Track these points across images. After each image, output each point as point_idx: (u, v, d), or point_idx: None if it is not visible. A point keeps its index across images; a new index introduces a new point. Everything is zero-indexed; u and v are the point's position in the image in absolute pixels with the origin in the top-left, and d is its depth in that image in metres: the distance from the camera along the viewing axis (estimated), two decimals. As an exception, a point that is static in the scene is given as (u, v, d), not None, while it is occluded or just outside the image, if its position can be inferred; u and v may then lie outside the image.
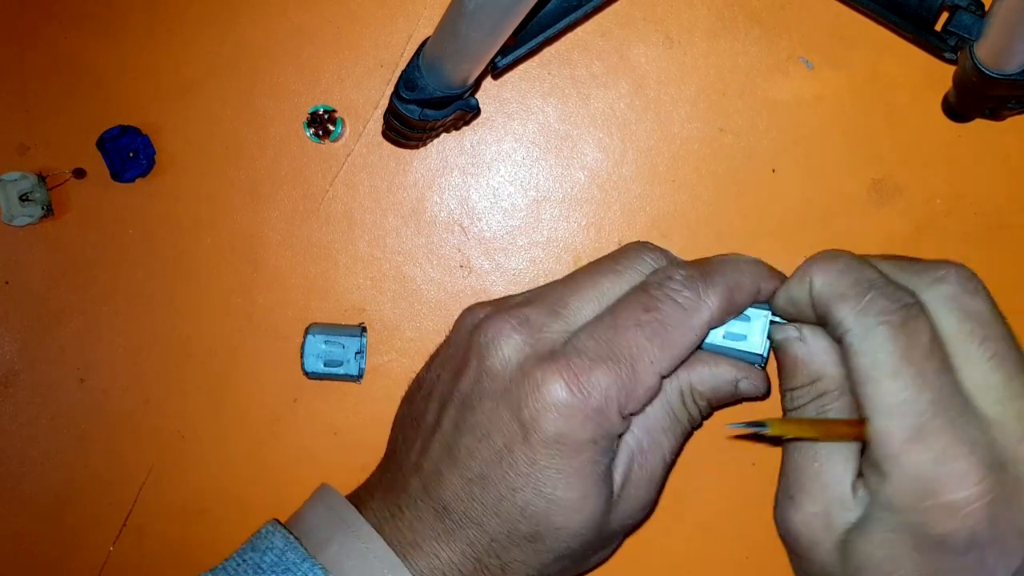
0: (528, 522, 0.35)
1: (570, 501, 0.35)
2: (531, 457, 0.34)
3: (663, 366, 0.35)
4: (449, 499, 0.36)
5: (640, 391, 0.35)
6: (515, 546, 0.35)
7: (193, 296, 0.47)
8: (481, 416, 0.36)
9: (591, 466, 0.35)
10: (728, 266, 0.37)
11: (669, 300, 0.35)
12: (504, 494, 0.35)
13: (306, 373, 0.45)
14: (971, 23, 0.39)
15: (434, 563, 0.35)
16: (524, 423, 0.34)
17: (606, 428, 0.35)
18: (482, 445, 0.35)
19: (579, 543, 0.36)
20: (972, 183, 0.45)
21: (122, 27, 0.47)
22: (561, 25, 0.41)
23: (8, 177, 0.46)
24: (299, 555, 0.35)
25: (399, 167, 0.46)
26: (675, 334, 0.35)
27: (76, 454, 0.47)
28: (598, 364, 0.34)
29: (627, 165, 0.46)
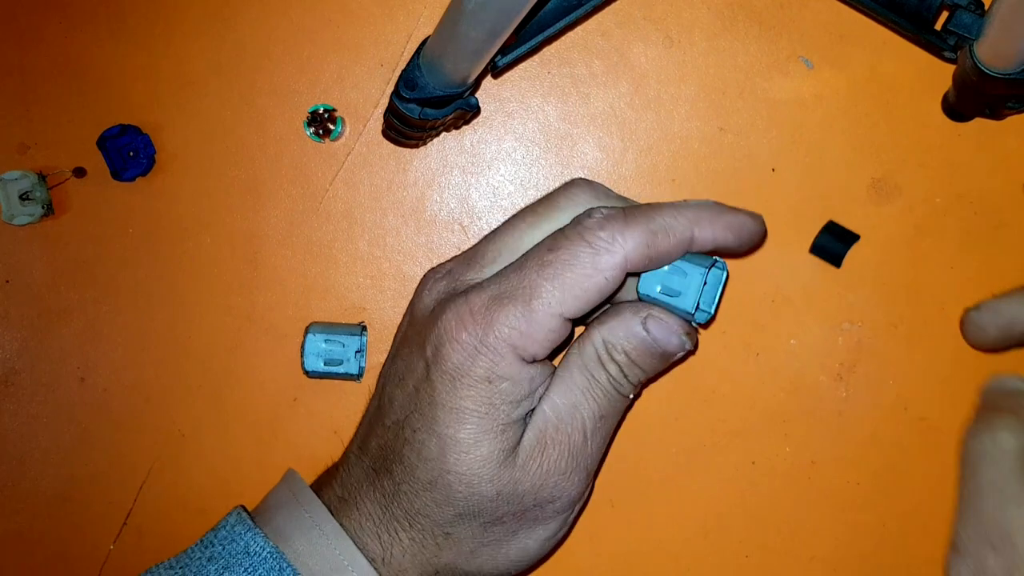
0: (425, 466, 0.35)
1: (460, 441, 0.34)
2: (430, 395, 0.35)
3: (564, 307, 0.34)
4: (374, 449, 0.37)
5: (538, 331, 0.34)
6: (416, 495, 0.35)
7: (193, 296, 0.47)
8: (399, 362, 0.37)
9: (486, 407, 0.34)
10: (663, 209, 0.35)
11: (578, 239, 0.34)
12: (407, 437, 0.35)
13: (306, 372, 0.45)
14: (971, 22, 0.39)
15: (355, 515, 0.36)
16: (427, 360, 0.35)
17: (503, 368, 0.34)
18: (398, 391, 0.36)
19: (476, 496, 0.35)
20: (972, 182, 0.45)
21: (122, 27, 0.47)
22: (561, 25, 0.41)
23: (8, 176, 0.46)
24: (246, 527, 0.36)
25: (399, 166, 0.46)
26: (577, 275, 0.34)
27: (76, 453, 0.47)
28: (494, 301, 0.34)
29: (627, 165, 0.46)
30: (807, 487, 0.45)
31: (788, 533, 0.45)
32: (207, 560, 0.36)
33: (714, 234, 0.35)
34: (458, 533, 0.36)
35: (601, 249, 0.34)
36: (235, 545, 0.35)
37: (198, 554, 0.36)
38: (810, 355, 0.45)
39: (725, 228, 0.36)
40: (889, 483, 0.45)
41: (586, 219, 0.35)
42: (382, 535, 0.36)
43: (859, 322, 0.45)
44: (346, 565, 0.35)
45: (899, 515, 0.45)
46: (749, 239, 0.37)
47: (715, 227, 0.35)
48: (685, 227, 0.35)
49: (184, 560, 0.36)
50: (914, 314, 0.45)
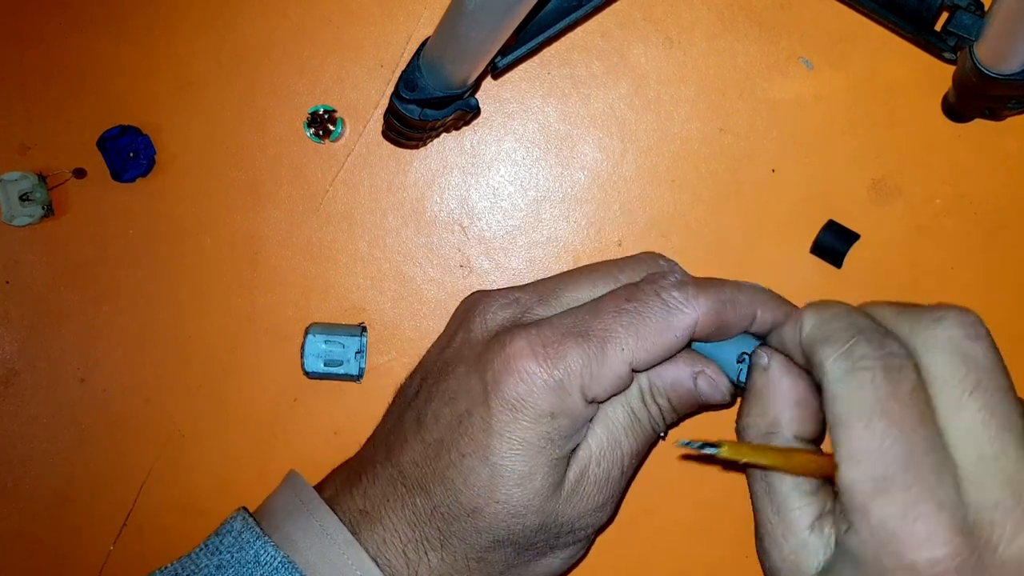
0: (470, 491, 0.35)
1: (514, 473, 0.34)
2: (487, 421, 0.34)
3: (635, 356, 0.34)
4: (406, 464, 0.36)
5: (606, 374, 0.34)
6: (455, 519, 0.35)
7: (193, 296, 0.47)
8: (452, 380, 0.36)
9: (544, 442, 0.34)
10: (730, 284, 0.36)
11: (654, 295, 0.35)
12: (454, 460, 0.35)
13: (306, 373, 0.45)
14: (971, 23, 0.39)
15: (378, 530, 0.36)
16: (487, 384, 0.34)
17: (567, 405, 0.34)
18: (446, 409, 0.36)
19: (519, 526, 0.35)
20: (972, 183, 0.45)
21: (122, 27, 0.47)
22: (561, 25, 0.41)
23: (8, 177, 0.46)
24: (254, 534, 0.35)
25: (399, 167, 0.46)
26: (652, 328, 0.34)
27: (76, 453, 0.47)
28: (568, 338, 0.34)
29: (627, 165, 0.46)
30: (807, 487, 0.45)
31: (788, 533, 0.45)
32: (215, 568, 0.35)
33: (773, 317, 0.36)
34: (491, 558, 0.36)
35: (675, 309, 0.35)
36: (244, 554, 0.35)
37: (205, 561, 0.36)
38: (810, 356, 0.45)
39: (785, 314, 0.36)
40: (889, 483, 0.45)
41: (662, 279, 0.36)
42: (409, 554, 0.35)
43: (859, 322, 0.45)
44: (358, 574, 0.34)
45: (899, 515, 0.45)
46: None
47: (775, 311, 0.36)
48: (749, 304, 0.36)
49: (190, 566, 0.36)
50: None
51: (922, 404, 0.30)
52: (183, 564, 0.36)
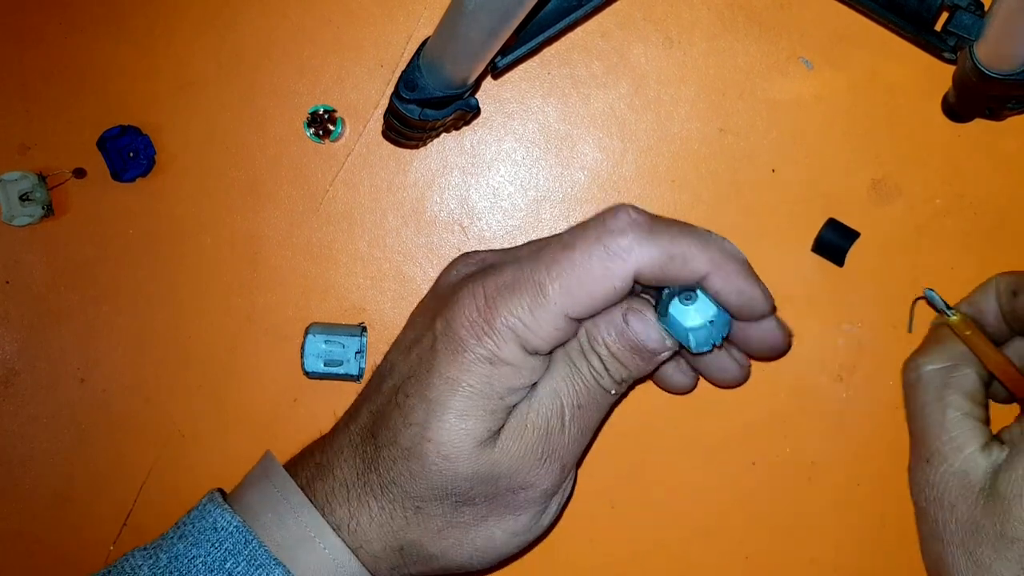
0: (407, 430, 0.35)
1: (449, 411, 0.34)
2: (431, 362, 0.35)
3: (569, 308, 0.34)
4: (363, 415, 0.37)
5: (541, 327, 0.34)
6: (394, 462, 0.35)
7: (193, 296, 0.47)
8: (411, 332, 0.37)
9: (481, 385, 0.34)
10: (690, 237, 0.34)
11: (595, 240, 0.34)
12: (399, 401, 0.35)
13: (306, 373, 0.45)
14: (971, 23, 0.39)
15: (329, 480, 0.36)
16: (435, 331, 0.35)
17: (504, 354, 0.34)
18: (401, 358, 0.37)
19: (452, 473, 0.35)
20: (972, 183, 0.45)
21: (122, 27, 0.47)
22: (561, 25, 0.41)
23: (8, 177, 0.46)
24: (215, 505, 0.36)
25: (399, 167, 0.46)
26: (587, 278, 0.33)
27: (76, 453, 0.47)
28: (506, 288, 0.34)
29: (627, 165, 0.46)
30: (807, 487, 0.45)
31: (788, 533, 0.45)
32: (178, 538, 0.36)
33: (725, 288, 0.35)
34: (428, 509, 0.36)
35: (615, 256, 0.33)
36: (204, 522, 0.36)
37: (170, 534, 0.37)
38: (810, 356, 0.45)
39: (738, 291, 0.35)
40: (889, 483, 0.45)
41: (611, 219, 0.34)
42: (352, 501, 0.36)
43: (859, 323, 0.45)
44: (312, 536, 0.35)
45: (899, 515, 0.45)
46: (749, 313, 0.36)
47: (731, 283, 0.35)
48: (702, 265, 0.34)
49: (158, 541, 0.37)
50: (915, 314, 0.45)
51: None
52: (154, 541, 0.37)
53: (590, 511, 0.44)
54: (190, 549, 0.35)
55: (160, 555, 0.36)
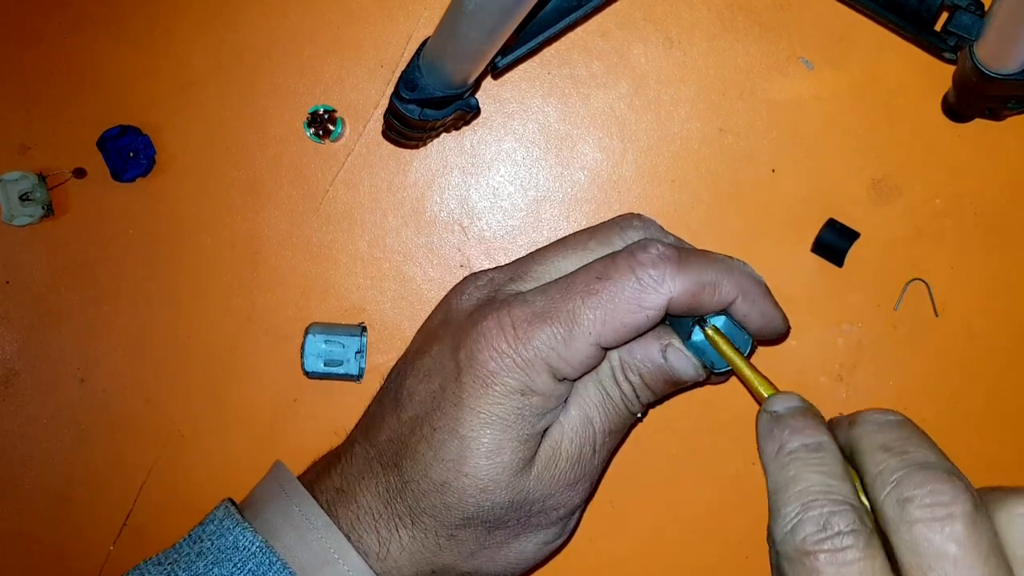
0: (439, 465, 0.35)
1: (483, 446, 0.34)
2: (458, 395, 0.35)
3: (602, 338, 0.34)
4: (383, 442, 0.37)
5: (574, 356, 0.34)
6: (425, 494, 0.35)
7: (193, 296, 0.47)
8: (427, 359, 0.37)
9: (514, 417, 0.34)
10: (716, 264, 0.35)
11: (628, 272, 0.34)
12: (426, 434, 0.35)
13: (306, 373, 0.45)
14: (971, 23, 0.39)
15: (352, 508, 0.36)
16: (459, 362, 0.35)
17: (536, 384, 0.34)
18: (422, 386, 0.36)
19: (488, 502, 0.35)
20: (972, 183, 0.45)
21: (122, 27, 0.47)
22: (561, 25, 0.41)
23: (8, 177, 0.46)
24: (234, 521, 0.36)
25: (399, 167, 0.46)
26: (621, 309, 0.34)
27: (76, 453, 0.47)
28: (537, 319, 0.34)
29: (627, 165, 0.46)
30: (807, 487, 0.45)
31: (788, 533, 0.45)
32: (196, 555, 0.35)
33: (751, 312, 0.36)
34: (462, 536, 0.36)
35: (648, 287, 0.34)
36: (224, 540, 0.35)
37: (187, 549, 0.36)
38: (810, 356, 0.45)
39: (762, 313, 0.36)
40: (889, 483, 0.45)
41: (640, 252, 0.35)
42: (380, 530, 0.36)
43: (859, 322, 0.45)
44: (336, 558, 0.35)
45: (899, 515, 0.45)
46: (771, 333, 0.37)
47: (756, 306, 0.36)
48: (732, 291, 0.35)
49: (173, 555, 0.36)
50: (914, 314, 0.45)
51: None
52: (167, 554, 0.36)
53: (590, 510, 0.44)
54: (211, 568, 0.35)
55: (178, 572, 0.35)
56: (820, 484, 0.29)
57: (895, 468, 0.28)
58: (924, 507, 0.27)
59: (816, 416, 0.32)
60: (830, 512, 0.28)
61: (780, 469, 0.31)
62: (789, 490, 0.29)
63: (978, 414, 0.45)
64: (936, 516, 0.27)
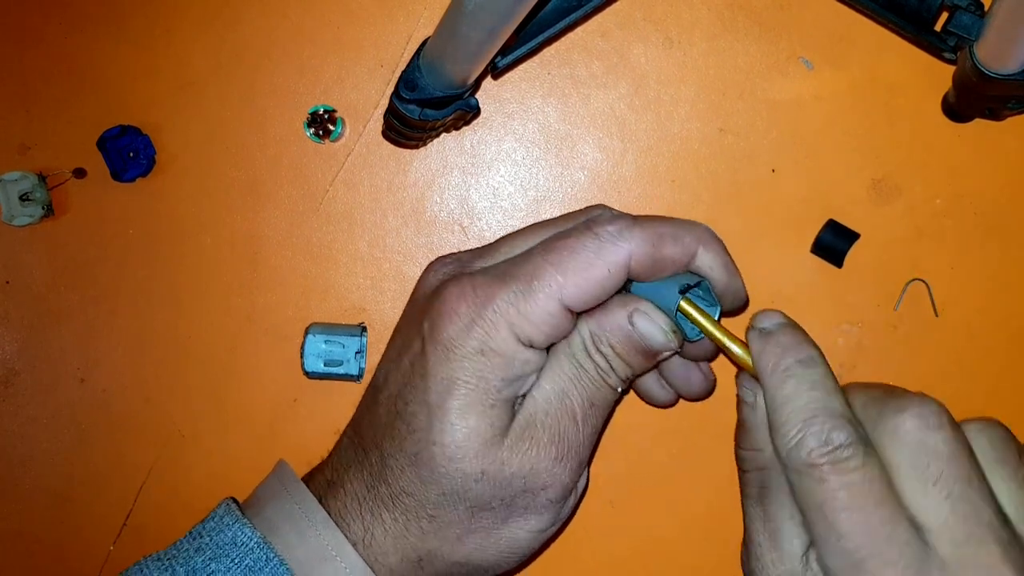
0: (412, 437, 0.35)
1: (448, 411, 0.34)
2: (423, 367, 0.35)
3: (564, 292, 0.34)
4: (364, 427, 0.37)
5: (535, 312, 0.34)
6: (402, 471, 0.35)
7: (193, 296, 0.47)
8: (398, 338, 0.37)
9: (476, 379, 0.34)
10: (673, 221, 0.36)
11: (586, 230, 0.35)
12: (399, 409, 0.35)
13: (306, 373, 0.45)
14: (971, 23, 0.39)
15: (340, 496, 0.36)
16: (423, 334, 0.35)
17: (496, 343, 0.34)
18: (392, 366, 0.37)
19: (460, 474, 0.34)
20: (972, 183, 0.45)
21: (122, 27, 0.47)
22: (561, 25, 0.41)
23: (8, 177, 0.46)
24: (233, 518, 0.36)
25: (399, 167, 0.46)
26: (581, 262, 0.34)
27: (76, 453, 0.47)
28: (497, 280, 0.35)
29: (627, 165, 0.46)
30: (807, 487, 0.45)
31: (788, 533, 0.45)
32: (195, 551, 0.36)
33: (715, 262, 0.36)
34: (443, 516, 0.35)
35: (607, 241, 0.34)
36: (223, 536, 0.35)
37: (186, 545, 0.36)
38: (810, 356, 0.45)
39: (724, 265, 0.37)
40: (889, 483, 0.45)
41: (598, 215, 0.36)
42: (365, 515, 0.36)
43: (859, 322, 0.45)
44: (333, 554, 0.35)
45: (899, 515, 0.45)
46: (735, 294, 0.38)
47: (719, 258, 0.36)
48: (692, 241, 0.36)
49: (172, 552, 0.36)
50: (914, 314, 0.45)
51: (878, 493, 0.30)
52: (168, 551, 0.37)
53: (589, 510, 0.44)
54: (208, 564, 0.35)
55: (176, 567, 0.35)
56: (817, 400, 0.31)
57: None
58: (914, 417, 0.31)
59: (801, 330, 0.34)
60: (830, 428, 0.30)
61: (778, 386, 0.32)
62: (789, 407, 0.31)
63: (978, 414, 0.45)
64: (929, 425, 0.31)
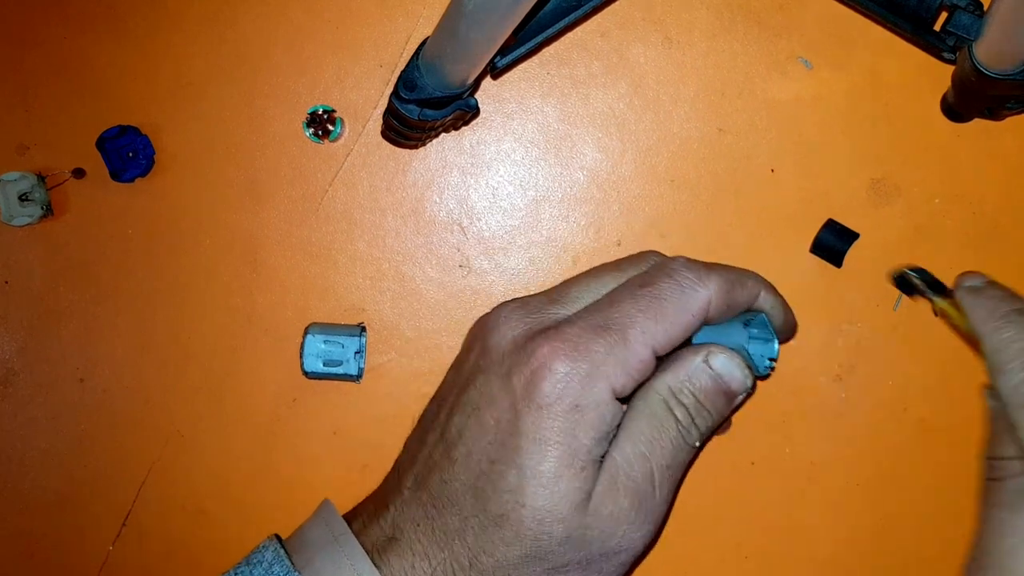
0: (498, 497, 0.34)
1: (541, 474, 0.33)
2: (515, 424, 0.34)
3: (655, 339, 0.35)
4: (434, 484, 0.36)
5: (632, 360, 0.34)
6: (483, 530, 0.34)
7: (193, 296, 0.47)
8: (474, 392, 0.36)
9: (568, 438, 0.34)
10: (733, 268, 0.38)
11: (667, 278, 0.36)
12: (484, 468, 0.34)
13: (305, 373, 0.45)
14: (970, 23, 0.39)
15: (407, 556, 0.35)
16: (513, 391, 0.34)
17: (592, 396, 0.34)
18: (471, 421, 0.35)
19: (546, 536, 0.34)
20: (971, 183, 0.45)
21: (122, 27, 0.47)
22: (561, 25, 0.41)
23: (8, 177, 0.46)
24: (284, 568, 0.35)
25: (398, 167, 0.46)
26: (669, 309, 0.35)
27: (76, 454, 0.47)
28: (590, 331, 0.35)
29: (626, 165, 0.46)
30: (807, 487, 0.45)
31: (787, 534, 0.45)
32: None
33: (775, 302, 0.39)
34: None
35: (688, 288, 0.36)
36: None
37: None
38: (810, 355, 0.45)
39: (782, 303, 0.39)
40: (889, 483, 0.45)
41: (671, 263, 0.37)
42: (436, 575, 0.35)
43: (858, 322, 0.45)
44: None
45: (898, 515, 0.45)
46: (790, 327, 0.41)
47: (777, 298, 0.39)
48: (756, 284, 0.38)
49: None
50: (914, 314, 0.45)
51: None
52: None
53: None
54: None
55: None
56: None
57: None
58: None
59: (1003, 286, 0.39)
60: None
61: (995, 332, 0.36)
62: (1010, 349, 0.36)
63: (977, 414, 0.45)
64: None
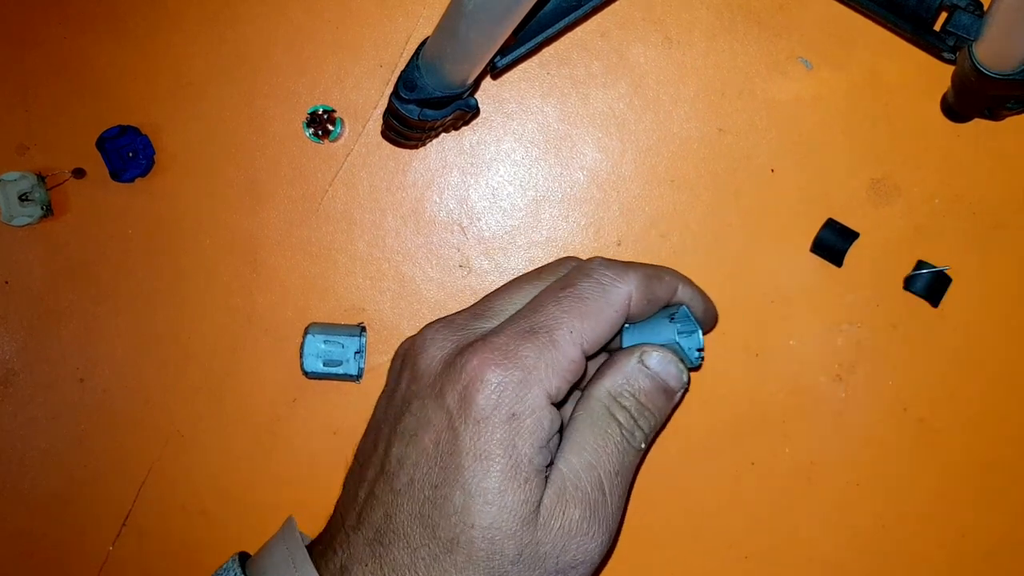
0: (446, 522, 0.33)
1: (486, 491, 0.33)
2: (454, 444, 0.33)
3: (583, 336, 0.35)
4: (379, 520, 0.34)
5: (563, 361, 0.34)
6: (435, 560, 0.33)
7: (193, 296, 0.47)
8: (410, 419, 0.35)
9: (509, 449, 0.33)
10: (649, 264, 0.39)
11: (587, 278, 0.36)
12: (428, 495, 0.34)
13: (305, 373, 0.45)
14: (970, 23, 0.39)
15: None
16: (448, 409, 0.34)
17: (528, 402, 0.33)
18: (410, 448, 0.35)
19: (498, 556, 0.33)
20: (970, 183, 0.45)
21: (122, 27, 0.47)
22: (560, 25, 0.41)
23: (8, 177, 0.46)
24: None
25: (398, 167, 0.46)
26: (592, 307, 0.36)
27: (76, 454, 0.47)
28: (516, 337, 0.34)
29: (626, 165, 0.46)
30: (806, 487, 0.45)
31: (787, 534, 0.45)
32: None
33: (695, 295, 0.40)
34: None
35: (608, 285, 0.36)
36: None
37: None
38: (810, 355, 0.45)
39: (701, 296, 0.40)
40: (888, 483, 0.45)
41: (589, 264, 0.38)
42: None
43: (859, 322, 0.45)
44: None
45: (898, 515, 0.45)
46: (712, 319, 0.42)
47: (692, 286, 0.40)
48: (673, 278, 0.39)
49: None
50: (914, 314, 0.45)
51: None
52: None
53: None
54: None
55: None
56: None
57: None
58: None
59: None
60: None
61: None
62: None
63: (978, 414, 0.45)
64: None
